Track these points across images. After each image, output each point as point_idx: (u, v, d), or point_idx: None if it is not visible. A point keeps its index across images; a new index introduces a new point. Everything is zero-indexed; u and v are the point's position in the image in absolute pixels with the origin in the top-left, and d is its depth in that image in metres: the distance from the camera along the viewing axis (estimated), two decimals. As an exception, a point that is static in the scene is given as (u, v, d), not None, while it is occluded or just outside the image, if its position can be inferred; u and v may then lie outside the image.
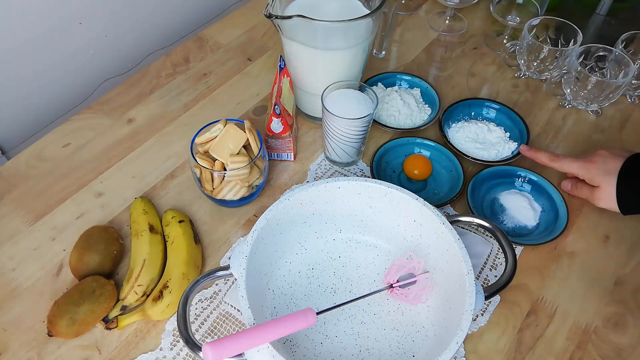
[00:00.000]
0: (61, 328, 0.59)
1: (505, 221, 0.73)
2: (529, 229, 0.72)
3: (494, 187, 0.76)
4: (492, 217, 0.73)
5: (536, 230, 0.72)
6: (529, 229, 0.72)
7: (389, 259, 0.66)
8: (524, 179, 0.75)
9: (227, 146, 0.68)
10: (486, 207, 0.74)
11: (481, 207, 0.74)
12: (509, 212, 0.73)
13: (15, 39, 0.81)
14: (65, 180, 0.76)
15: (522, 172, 0.75)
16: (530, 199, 0.74)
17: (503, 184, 0.76)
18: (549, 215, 0.72)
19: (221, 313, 0.64)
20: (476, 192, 0.74)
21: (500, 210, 0.74)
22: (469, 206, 0.71)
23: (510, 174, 0.76)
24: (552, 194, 0.73)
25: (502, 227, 0.71)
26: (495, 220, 0.73)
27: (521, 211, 0.73)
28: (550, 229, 0.71)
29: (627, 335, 0.64)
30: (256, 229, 0.57)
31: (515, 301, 0.66)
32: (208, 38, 0.97)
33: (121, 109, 0.85)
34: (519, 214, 0.73)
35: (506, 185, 0.76)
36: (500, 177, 0.76)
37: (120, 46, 0.97)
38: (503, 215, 0.73)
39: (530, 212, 0.73)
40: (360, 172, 0.79)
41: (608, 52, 0.83)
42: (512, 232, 0.72)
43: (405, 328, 0.61)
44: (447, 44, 0.99)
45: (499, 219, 0.73)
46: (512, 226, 0.72)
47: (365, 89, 0.73)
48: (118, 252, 0.66)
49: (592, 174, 0.70)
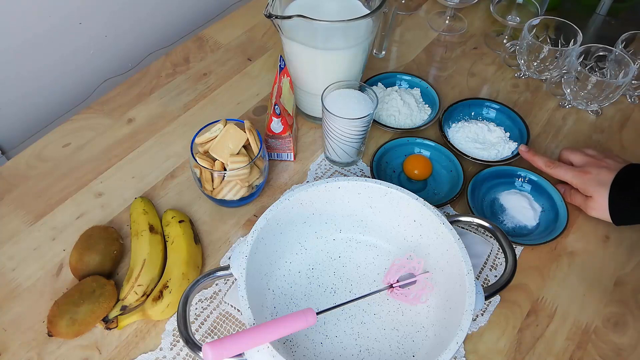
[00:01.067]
0: (61, 328, 0.59)
1: (505, 221, 0.73)
2: (529, 229, 0.72)
3: (494, 187, 0.76)
4: (492, 217, 0.73)
5: (536, 230, 0.72)
6: (529, 229, 0.72)
7: (389, 259, 0.66)
8: (524, 179, 0.75)
9: (227, 146, 0.68)
10: (486, 207, 0.74)
11: (481, 207, 0.73)
12: (509, 212, 0.73)
13: (15, 38, 0.81)
14: (65, 180, 0.76)
15: (522, 172, 0.75)
16: (531, 199, 0.74)
17: (503, 184, 0.76)
18: (549, 215, 0.72)
19: (221, 313, 0.64)
20: (476, 192, 0.74)
21: (500, 210, 0.74)
22: (468, 206, 0.71)
23: (510, 174, 0.76)
24: (552, 194, 0.73)
25: (502, 227, 0.71)
26: (495, 220, 0.73)
27: (521, 211, 0.73)
28: (551, 228, 0.71)
29: (627, 335, 0.64)
30: (256, 229, 0.57)
31: (515, 301, 0.66)
32: (208, 38, 0.97)
33: (121, 109, 0.85)
34: (519, 214, 0.73)
35: (506, 185, 0.76)
36: (500, 177, 0.76)
37: (120, 46, 0.97)
38: (503, 215, 0.73)
39: (530, 212, 0.72)
40: (360, 172, 0.79)
41: (608, 52, 0.83)
42: (512, 232, 0.72)
43: (405, 328, 0.61)
44: (447, 44, 0.99)
45: (499, 219, 0.73)
46: (512, 226, 0.72)
47: (365, 89, 0.73)
48: (118, 252, 0.66)
49: (585, 184, 0.70)
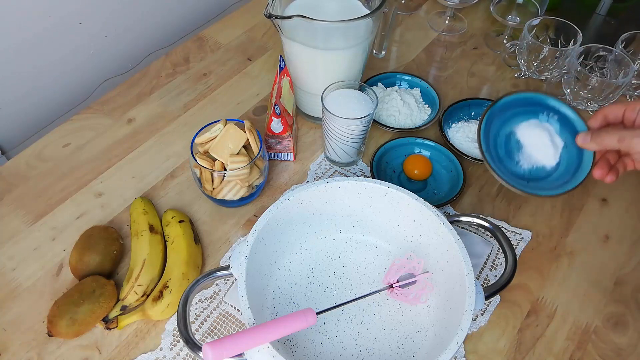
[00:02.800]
0: (61, 328, 0.59)
1: (521, 161, 0.66)
2: (547, 170, 0.65)
3: (512, 118, 0.66)
4: (506, 156, 0.65)
5: (555, 172, 0.65)
6: (547, 171, 0.65)
7: (389, 259, 0.66)
8: (549, 114, 0.66)
9: (227, 146, 0.68)
10: (500, 144, 0.66)
11: (495, 144, 0.66)
12: (526, 150, 0.66)
13: (15, 38, 0.81)
14: (65, 180, 0.76)
15: (553, 102, 0.65)
16: (552, 132, 0.66)
17: (524, 113, 0.66)
18: (571, 152, 0.64)
19: (221, 313, 0.64)
20: (491, 127, 0.65)
21: (516, 148, 0.66)
22: (480, 147, 0.64)
23: (536, 102, 0.66)
24: (578, 128, 0.64)
25: (516, 170, 0.65)
26: (510, 160, 0.65)
27: (540, 148, 0.65)
28: (572, 171, 0.64)
29: (627, 335, 0.64)
30: (256, 229, 0.57)
31: (515, 301, 0.66)
32: (208, 38, 0.97)
33: (121, 109, 0.85)
34: (538, 151, 0.65)
35: (527, 115, 0.66)
36: (522, 106, 0.66)
37: (120, 46, 0.97)
38: (519, 154, 0.66)
39: (550, 150, 0.65)
40: (360, 172, 0.79)
41: (608, 52, 0.83)
42: (527, 175, 0.65)
43: (405, 328, 0.61)
44: (447, 44, 0.99)
45: (514, 159, 0.66)
46: (528, 167, 0.66)
47: (365, 89, 0.73)
48: (118, 252, 0.66)
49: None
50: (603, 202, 0.76)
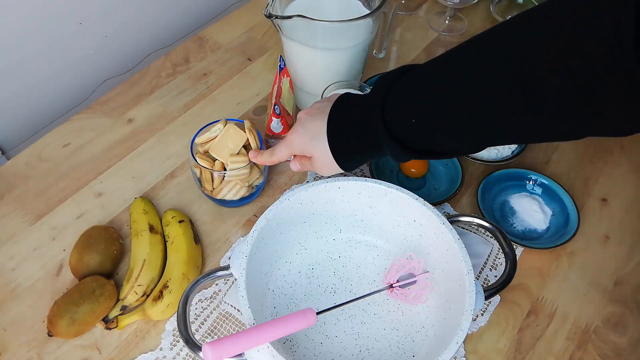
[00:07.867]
0: (61, 328, 0.59)
1: (515, 224, 0.73)
2: (539, 232, 0.72)
3: (505, 190, 0.75)
4: (502, 219, 0.73)
5: (546, 233, 0.72)
6: (539, 233, 0.72)
7: (389, 259, 0.66)
8: (535, 182, 0.75)
9: (227, 146, 0.68)
10: (496, 209, 0.74)
11: (491, 209, 0.73)
12: (520, 215, 0.73)
13: (15, 38, 0.81)
14: (65, 180, 0.76)
15: (534, 175, 0.75)
16: (541, 203, 0.74)
17: (514, 186, 0.76)
18: (560, 219, 0.72)
19: (221, 313, 0.64)
20: (487, 194, 0.74)
21: (510, 213, 0.74)
22: (479, 208, 0.71)
23: (522, 177, 0.76)
24: (563, 198, 0.73)
25: (512, 230, 0.72)
26: (505, 223, 0.73)
27: (532, 214, 0.73)
28: (561, 232, 0.70)
29: (627, 335, 0.64)
30: (256, 229, 0.57)
31: (515, 301, 0.66)
32: (208, 38, 0.97)
33: (121, 109, 0.85)
34: (530, 217, 0.73)
35: (517, 188, 0.75)
36: (511, 180, 0.76)
37: (120, 46, 0.97)
38: (513, 217, 0.73)
39: (540, 216, 0.72)
40: (360, 172, 0.79)
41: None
42: (522, 235, 0.72)
43: (405, 328, 0.61)
44: (447, 44, 0.99)
45: (509, 222, 0.73)
46: (522, 229, 0.72)
47: (365, 89, 0.73)
48: (118, 252, 0.66)
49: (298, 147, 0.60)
50: (603, 202, 0.76)
